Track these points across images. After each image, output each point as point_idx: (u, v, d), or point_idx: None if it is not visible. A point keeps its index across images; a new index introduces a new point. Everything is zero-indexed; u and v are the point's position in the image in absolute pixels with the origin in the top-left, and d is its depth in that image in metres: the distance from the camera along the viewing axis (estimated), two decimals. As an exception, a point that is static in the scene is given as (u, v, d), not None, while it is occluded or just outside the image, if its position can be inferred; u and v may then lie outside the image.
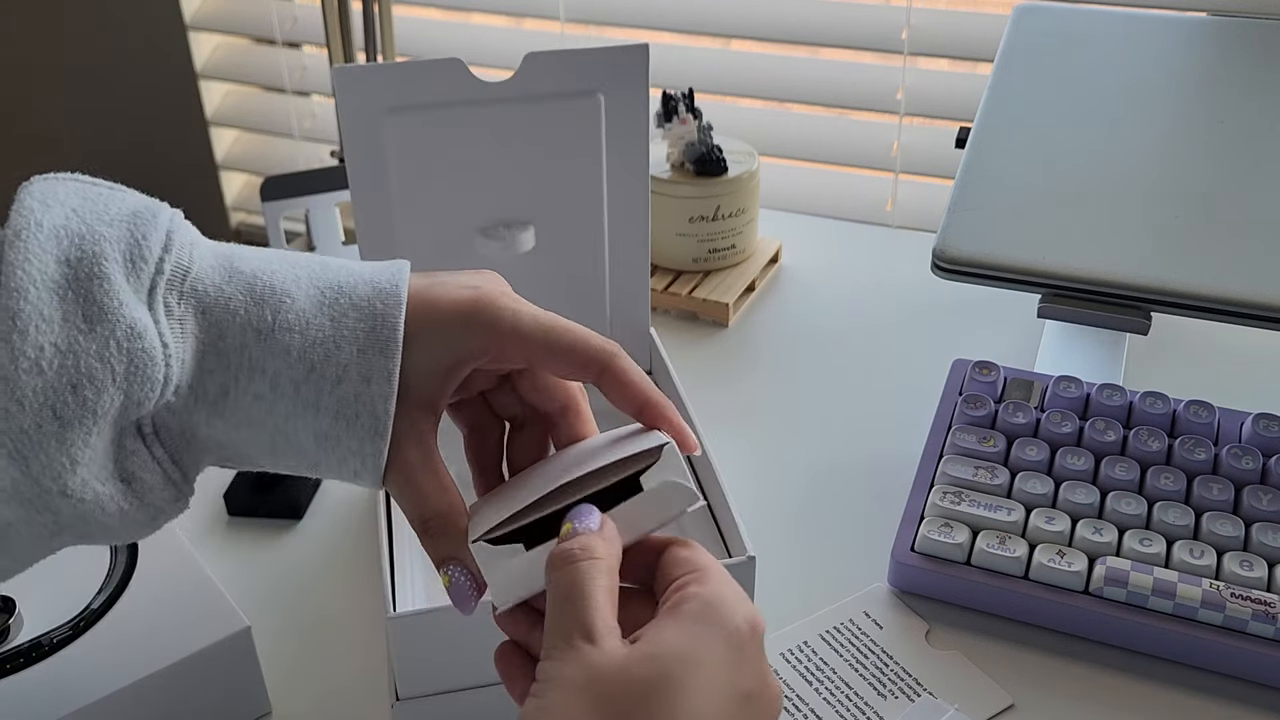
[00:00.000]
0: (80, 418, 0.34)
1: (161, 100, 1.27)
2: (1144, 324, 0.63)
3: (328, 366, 0.37)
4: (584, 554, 0.35)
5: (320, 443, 0.38)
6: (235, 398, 0.37)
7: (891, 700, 0.53)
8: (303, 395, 0.37)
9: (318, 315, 0.38)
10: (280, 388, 0.37)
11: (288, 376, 0.37)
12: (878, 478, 0.67)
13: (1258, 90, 0.72)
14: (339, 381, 0.37)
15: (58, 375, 0.34)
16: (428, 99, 0.59)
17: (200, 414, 0.38)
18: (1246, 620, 0.53)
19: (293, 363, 0.37)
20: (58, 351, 0.34)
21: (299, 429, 0.38)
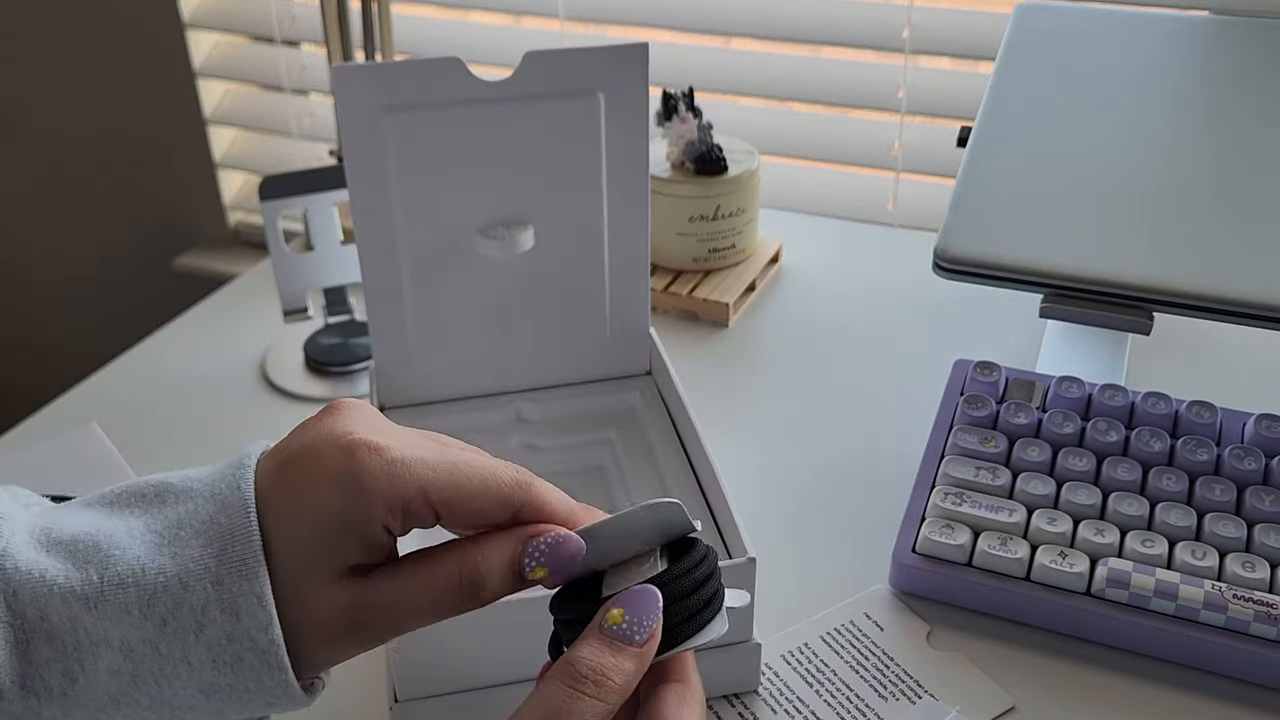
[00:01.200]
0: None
1: (159, 98, 1.27)
2: (1146, 324, 0.62)
3: (181, 614, 0.32)
4: (595, 690, 0.31)
5: (211, 696, 0.33)
6: (86, 683, 0.32)
7: (892, 702, 0.53)
8: (164, 653, 0.32)
9: (155, 557, 0.32)
10: (136, 653, 0.32)
11: (139, 639, 0.32)
12: (878, 478, 0.67)
13: (1259, 90, 0.71)
14: (201, 628, 0.32)
15: None
16: (427, 98, 0.59)
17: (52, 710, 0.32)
18: (1249, 622, 0.53)
19: (138, 623, 0.31)
20: None
21: (178, 690, 0.32)
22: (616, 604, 0.33)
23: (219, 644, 0.32)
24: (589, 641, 0.33)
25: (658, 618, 0.33)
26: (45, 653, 0.31)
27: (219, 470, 0.35)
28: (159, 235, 1.38)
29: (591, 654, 0.32)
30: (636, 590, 0.34)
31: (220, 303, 0.92)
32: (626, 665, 0.32)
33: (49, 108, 1.36)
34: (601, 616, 0.33)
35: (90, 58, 1.29)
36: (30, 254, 1.52)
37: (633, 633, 0.33)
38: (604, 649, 0.32)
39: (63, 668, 0.31)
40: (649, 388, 0.68)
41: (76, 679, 0.32)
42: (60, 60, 1.31)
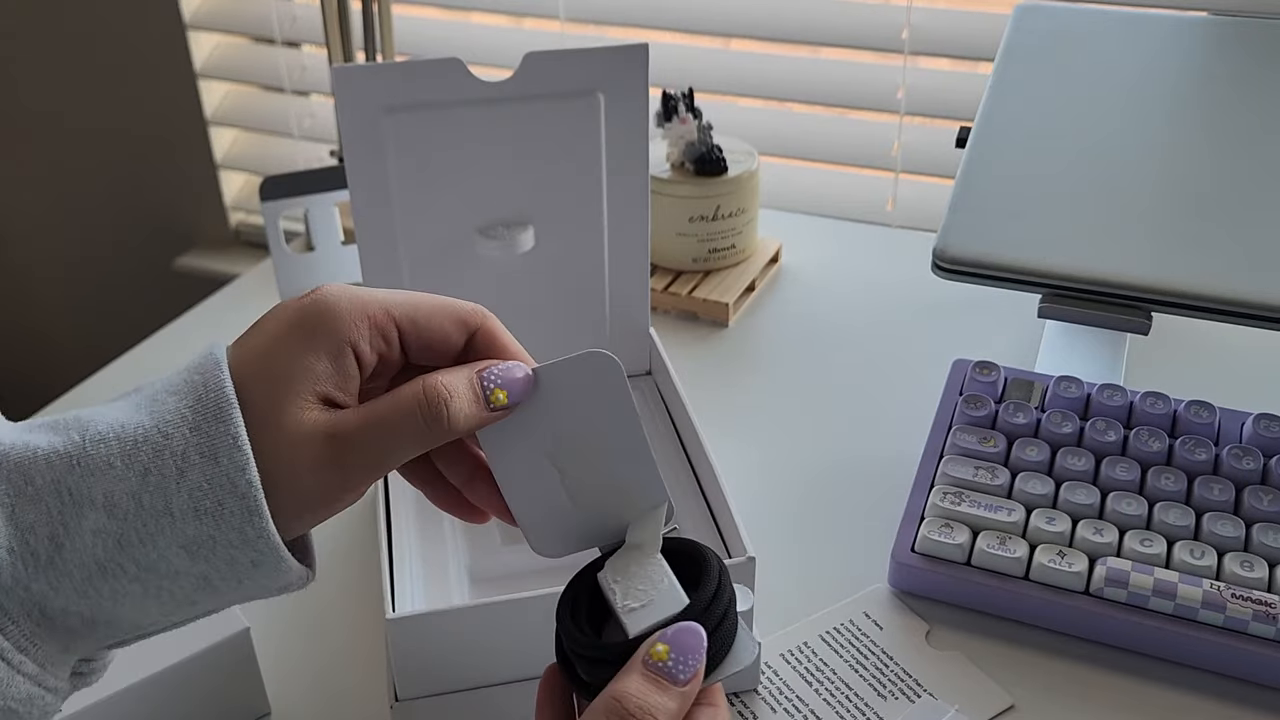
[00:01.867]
0: None
1: (160, 99, 1.27)
2: (1145, 324, 0.63)
3: (162, 461, 0.32)
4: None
5: (195, 554, 0.33)
6: (73, 545, 0.32)
7: (892, 701, 0.53)
8: (148, 506, 0.32)
9: (134, 415, 0.33)
10: (119, 508, 0.32)
11: (122, 491, 0.32)
12: (878, 478, 0.67)
13: (1258, 90, 0.71)
14: (182, 474, 0.32)
15: None
16: (427, 99, 0.59)
17: (40, 582, 0.32)
18: (1247, 621, 0.53)
19: (120, 475, 0.32)
20: None
21: (163, 549, 0.32)
22: (662, 639, 0.34)
23: (199, 490, 0.32)
24: (634, 678, 0.33)
25: (702, 657, 0.34)
26: (31, 516, 0.32)
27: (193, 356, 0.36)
28: (160, 235, 1.38)
29: (639, 691, 0.32)
30: (682, 628, 0.34)
31: (221, 303, 0.92)
32: (671, 705, 0.33)
33: (50, 108, 1.36)
34: (646, 651, 0.33)
35: (91, 58, 1.29)
36: (31, 254, 1.52)
37: (677, 671, 0.33)
38: (650, 687, 0.33)
39: (49, 531, 0.32)
40: (649, 388, 0.68)
41: (62, 543, 0.32)
42: (61, 61, 1.31)
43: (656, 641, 0.34)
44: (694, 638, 0.34)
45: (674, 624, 0.34)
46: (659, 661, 0.33)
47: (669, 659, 0.33)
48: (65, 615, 0.33)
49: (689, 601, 0.35)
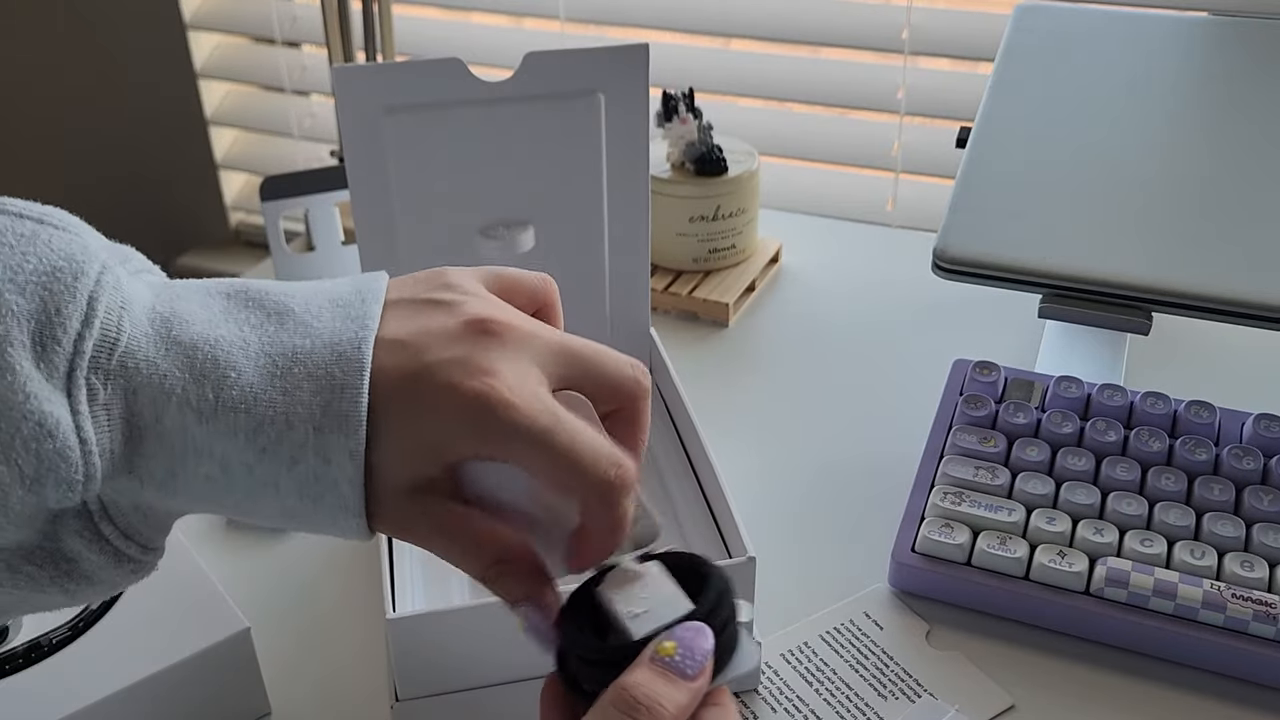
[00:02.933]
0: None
1: (161, 99, 1.27)
2: (1145, 324, 0.63)
3: (280, 448, 0.33)
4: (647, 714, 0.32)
5: (290, 516, 0.35)
6: (185, 480, 0.34)
7: (892, 701, 0.53)
8: (258, 476, 0.34)
9: (267, 389, 0.34)
10: (232, 470, 0.34)
11: (238, 460, 0.34)
12: (878, 478, 0.67)
13: (1258, 90, 0.71)
14: (295, 462, 0.33)
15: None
16: (427, 99, 0.59)
17: (149, 493, 0.34)
18: (1247, 621, 0.53)
19: (241, 446, 0.33)
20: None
21: (262, 506, 0.35)
22: (668, 637, 0.34)
23: (307, 480, 0.34)
24: (641, 669, 0.33)
25: (709, 654, 0.34)
26: (153, 448, 0.33)
27: (343, 315, 0.35)
28: (160, 235, 1.38)
29: (646, 681, 0.33)
30: (689, 626, 0.34)
31: (221, 303, 0.92)
32: (679, 696, 0.33)
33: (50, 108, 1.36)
34: (653, 649, 0.34)
35: (92, 58, 1.29)
36: (31, 254, 1.51)
37: (685, 666, 0.33)
38: (658, 679, 0.33)
39: (166, 464, 0.33)
40: (649, 388, 0.68)
41: (177, 475, 0.34)
42: (61, 61, 1.31)
43: (664, 639, 0.34)
44: (701, 635, 0.34)
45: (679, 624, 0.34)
46: (667, 657, 0.33)
47: (677, 654, 0.33)
48: (168, 513, 0.35)
49: (693, 606, 0.35)
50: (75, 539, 0.33)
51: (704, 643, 0.34)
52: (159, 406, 0.33)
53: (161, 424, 0.33)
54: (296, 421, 0.33)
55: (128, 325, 0.33)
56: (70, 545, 0.33)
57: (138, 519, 0.35)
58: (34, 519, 0.32)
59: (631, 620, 0.35)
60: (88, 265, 0.33)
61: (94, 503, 0.33)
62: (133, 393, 0.33)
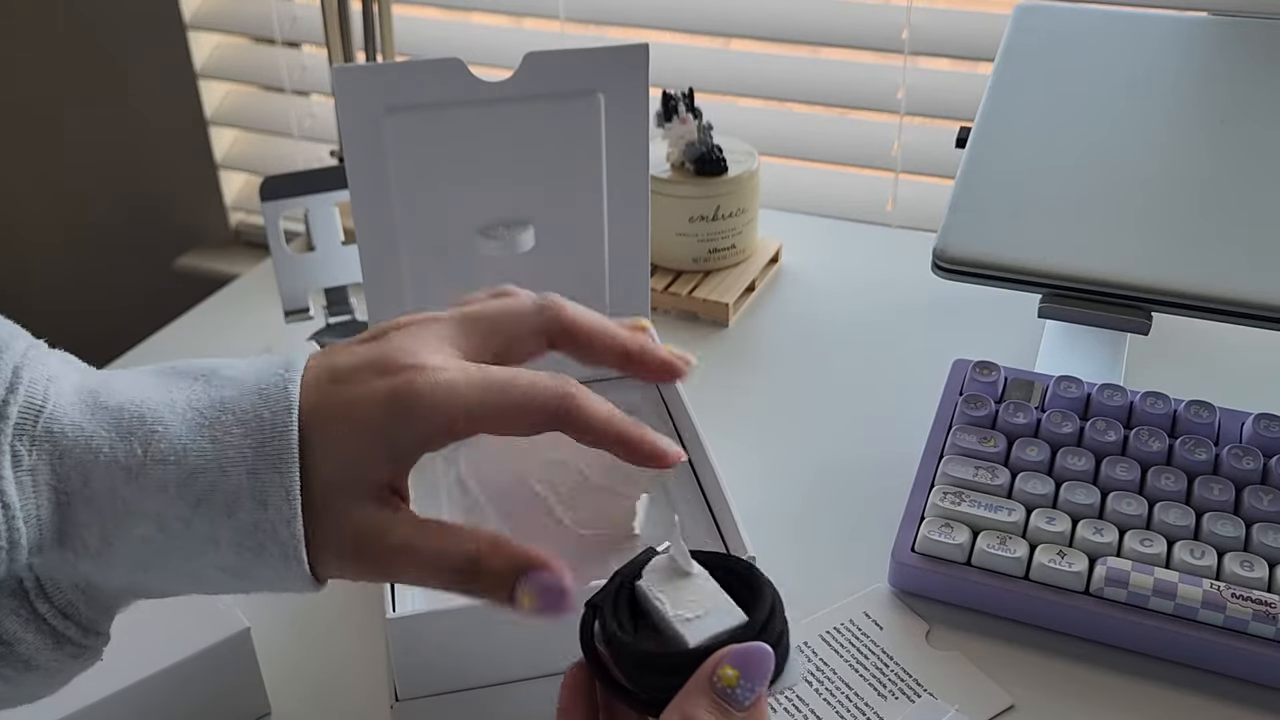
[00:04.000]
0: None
1: (160, 99, 1.27)
2: (1145, 324, 0.63)
3: (215, 497, 0.33)
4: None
5: (232, 575, 0.34)
6: (121, 547, 0.33)
7: (892, 701, 0.53)
8: (195, 530, 0.33)
9: (197, 439, 0.33)
10: (169, 528, 0.33)
11: (173, 514, 0.33)
12: (878, 478, 0.67)
13: (1258, 90, 0.71)
14: (231, 512, 0.33)
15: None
16: (427, 99, 0.59)
17: (85, 566, 0.33)
18: (1247, 621, 0.53)
19: (173, 499, 0.32)
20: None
21: (205, 566, 0.34)
22: (730, 662, 0.33)
23: (245, 530, 0.33)
24: (702, 703, 0.32)
25: (767, 681, 0.33)
26: (84, 515, 0.32)
27: (266, 365, 0.35)
28: (160, 235, 1.38)
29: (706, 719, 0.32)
30: (753, 650, 0.33)
31: (221, 303, 0.92)
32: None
33: (50, 108, 1.36)
34: (714, 673, 0.33)
35: (92, 59, 1.29)
36: (31, 254, 1.52)
37: (745, 697, 0.33)
38: (718, 715, 0.32)
39: (100, 531, 0.32)
40: (649, 388, 0.68)
41: (112, 542, 0.33)
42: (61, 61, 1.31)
43: (725, 664, 0.33)
44: (764, 660, 0.33)
45: (740, 641, 0.34)
46: (728, 687, 0.33)
47: (738, 685, 0.33)
48: (109, 587, 0.34)
49: (748, 618, 0.35)
50: (10, 618, 0.32)
51: (765, 670, 0.33)
52: (86, 468, 0.32)
53: (90, 487, 0.32)
54: (229, 466, 0.33)
55: (54, 394, 0.33)
56: (6, 625, 0.32)
57: (76, 596, 0.33)
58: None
59: (683, 625, 0.35)
60: (14, 342, 0.33)
61: (29, 580, 0.32)
62: (58, 457, 0.32)
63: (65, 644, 0.34)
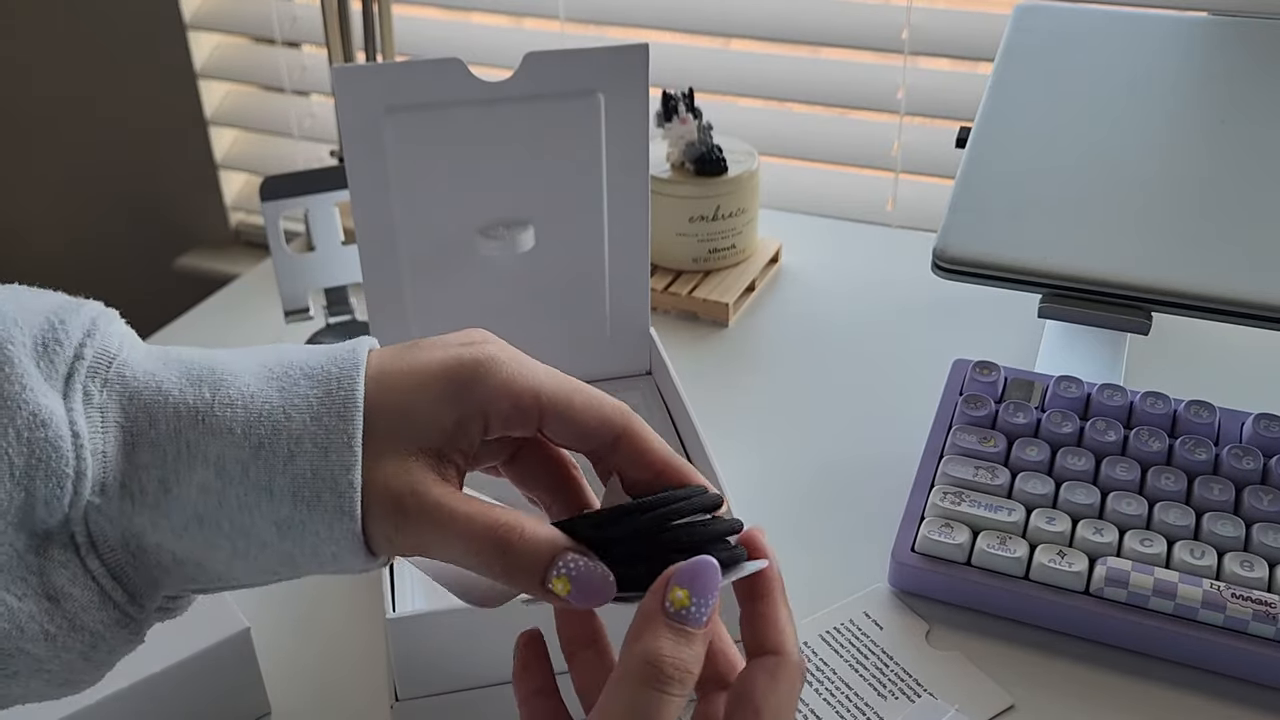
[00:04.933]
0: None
1: (160, 99, 1.27)
2: (1145, 324, 0.63)
3: (278, 441, 0.33)
4: (680, 689, 0.31)
5: (284, 533, 0.34)
6: (179, 494, 0.33)
7: (892, 701, 0.53)
8: (253, 478, 0.33)
9: (264, 388, 0.34)
10: (227, 472, 0.33)
11: (233, 458, 0.33)
12: (878, 478, 0.67)
13: (1258, 90, 0.71)
14: (291, 457, 0.33)
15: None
16: (427, 99, 0.59)
17: (143, 517, 0.33)
18: (1247, 621, 0.53)
19: (237, 441, 0.33)
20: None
21: (257, 521, 0.33)
22: (679, 581, 0.33)
23: (303, 477, 0.33)
24: (663, 635, 0.32)
25: (717, 593, 0.33)
26: (147, 457, 0.33)
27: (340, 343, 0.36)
28: (160, 235, 1.38)
29: (671, 650, 0.32)
30: (696, 564, 0.33)
31: (221, 303, 0.92)
32: (699, 650, 0.32)
33: (50, 108, 1.36)
34: (664, 598, 0.32)
35: (92, 58, 1.29)
36: (31, 254, 1.52)
37: (700, 615, 0.32)
38: (680, 641, 0.32)
39: (160, 475, 0.33)
40: (649, 388, 0.68)
41: (170, 488, 0.33)
42: (61, 61, 1.31)
43: (673, 586, 0.32)
44: (709, 573, 0.33)
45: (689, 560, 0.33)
46: (681, 609, 0.32)
47: (690, 604, 0.32)
48: (159, 551, 0.34)
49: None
50: (60, 571, 0.33)
51: (712, 581, 0.33)
52: (153, 410, 0.33)
53: (156, 429, 0.33)
54: (294, 412, 0.33)
55: (127, 346, 0.34)
56: (55, 579, 0.32)
57: (125, 558, 0.34)
58: (20, 528, 0.32)
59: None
60: (89, 303, 0.35)
61: (81, 534, 0.33)
62: (128, 398, 0.33)
63: (110, 606, 0.34)
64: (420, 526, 0.34)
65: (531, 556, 0.34)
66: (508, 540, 0.33)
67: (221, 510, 0.33)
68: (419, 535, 0.34)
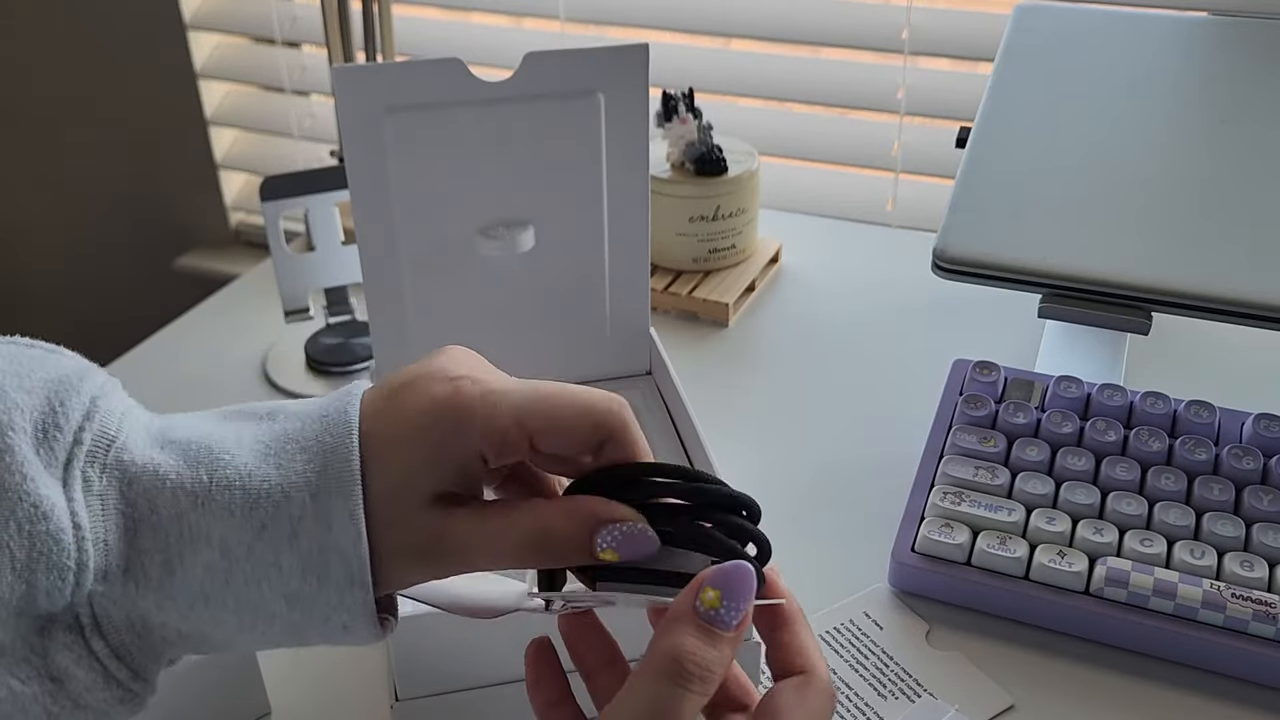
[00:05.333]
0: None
1: (160, 99, 1.27)
2: (1145, 324, 0.63)
3: (279, 521, 0.33)
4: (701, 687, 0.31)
5: (294, 605, 0.34)
6: (183, 576, 0.33)
7: (892, 701, 0.53)
8: (258, 556, 0.33)
9: (261, 465, 0.34)
10: (232, 553, 0.33)
11: (237, 540, 0.33)
12: (878, 478, 0.67)
13: (1258, 90, 0.71)
14: (295, 536, 0.33)
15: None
16: (427, 99, 0.59)
17: (147, 600, 0.33)
18: (1247, 621, 0.53)
19: (239, 524, 0.33)
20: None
21: (265, 595, 0.33)
22: (712, 583, 0.32)
23: (310, 554, 0.33)
24: (688, 632, 0.32)
25: (751, 599, 0.33)
26: (149, 542, 0.33)
27: (328, 398, 0.36)
28: (160, 235, 1.38)
29: (696, 649, 0.31)
30: (731, 569, 0.32)
31: (221, 303, 0.92)
32: (726, 653, 0.32)
33: (51, 108, 1.36)
34: (695, 597, 0.32)
35: (92, 58, 1.29)
36: (31, 254, 1.52)
37: (730, 618, 0.32)
38: (706, 641, 0.32)
39: (164, 558, 0.33)
40: (649, 388, 0.68)
41: (175, 570, 0.33)
42: (61, 61, 1.31)
43: (706, 585, 0.32)
44: (745, 577, 0.32)
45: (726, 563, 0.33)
46: (711, 609, 0.32)
47: (721, 605, 0.32)
48: (164, 629, 0.34)
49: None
50: (64, 653, 0.32)
51: (747, 586, 0.32)
52: (153, 495, 0.33)
53: (157, 514, 0.33)
54: (292, 491, 0.33)
55: (126, 427, 0.34)
56: (59, 661, 0.32)
57: (130, 638, 0.34)
58: (22, 615, 0.32)
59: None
60: (93, 375, 0.35)
61: (86, 616, 0.33)
62: (127, 484, 0.33)
63: (114, 685, 0.33)
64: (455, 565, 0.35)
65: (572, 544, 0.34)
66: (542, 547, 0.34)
67: (228, 588, 0.33)
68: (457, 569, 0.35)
